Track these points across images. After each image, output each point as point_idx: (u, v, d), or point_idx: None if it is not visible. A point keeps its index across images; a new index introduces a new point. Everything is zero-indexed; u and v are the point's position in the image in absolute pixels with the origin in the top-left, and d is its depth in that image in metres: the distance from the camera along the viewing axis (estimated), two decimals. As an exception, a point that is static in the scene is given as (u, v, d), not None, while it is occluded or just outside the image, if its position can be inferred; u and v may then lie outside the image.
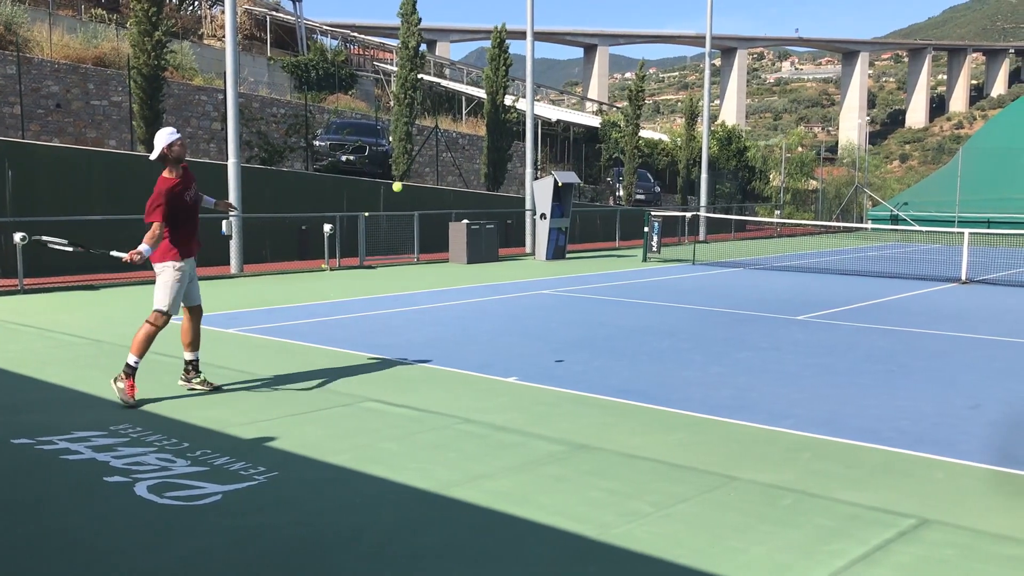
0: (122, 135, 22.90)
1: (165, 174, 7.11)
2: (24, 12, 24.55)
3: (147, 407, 6.93)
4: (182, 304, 7.35)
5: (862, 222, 41.57)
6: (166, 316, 7.12)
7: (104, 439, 6.04)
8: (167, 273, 7.14)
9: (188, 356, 7.52)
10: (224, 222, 17.34)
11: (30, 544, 4.32)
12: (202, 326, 7.71)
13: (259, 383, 7.85)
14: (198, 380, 7.49)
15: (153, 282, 7.26)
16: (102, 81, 23.28)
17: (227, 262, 17.79)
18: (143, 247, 6.89)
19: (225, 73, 18.32)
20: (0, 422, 6.48)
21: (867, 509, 4.92)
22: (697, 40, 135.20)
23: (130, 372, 6.99)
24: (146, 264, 7.05)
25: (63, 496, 4.99)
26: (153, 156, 7.16)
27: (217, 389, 7.49)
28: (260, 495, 5.03)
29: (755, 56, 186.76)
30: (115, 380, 7.04)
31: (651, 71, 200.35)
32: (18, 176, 16.25)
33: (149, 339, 7.11)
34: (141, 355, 7.05)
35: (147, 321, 7.11)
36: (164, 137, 7.09)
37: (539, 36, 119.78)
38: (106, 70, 23.57)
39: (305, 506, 4.87)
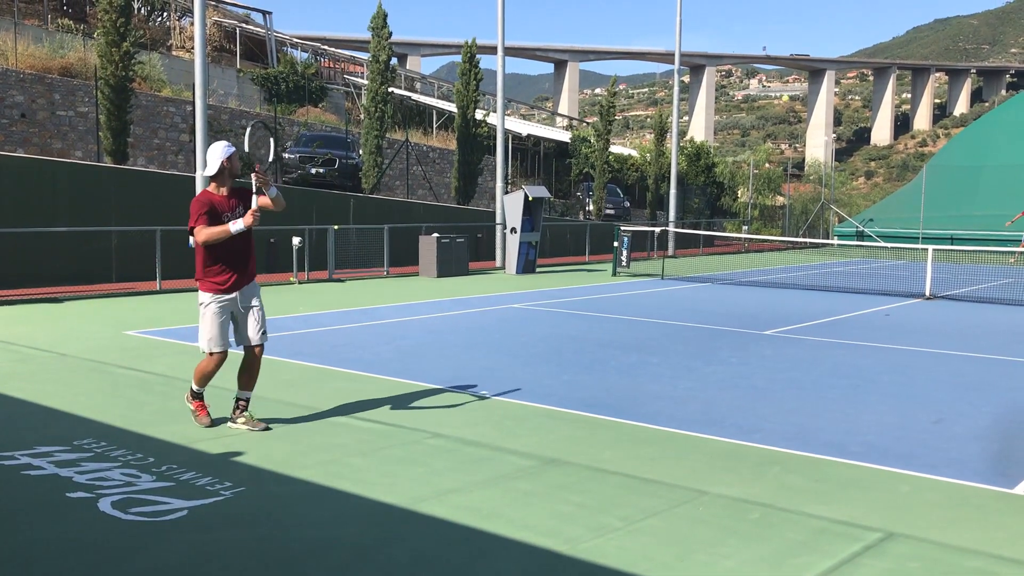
0: (88, 146, 22.65)
1: (210, 189, 6.55)
2: (-11, 21, 24.24)
3: (111, 421, 6.83)
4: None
5: (828, 238, 42.03)
6: (211, 355, 6.58)
7: (67, 454, 5.94)
8: (203, 307, 6.65)
9: (239, 393, 6.84)
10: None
11: (-10, 561, 4.23)
12: (170, 340, 7.51)
13: (226, 398, 7.76)
14: (242, 420, 6.74)
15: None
16: (68, 91, 23.03)
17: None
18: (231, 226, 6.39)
19: (194, 85, 18.19)
20: (-40, 437, 6.35)
21: (834, 523, 4.96)
22: (666, 57, 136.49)
23: (196, 394, 6.74)
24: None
25: (25, 512, 4.89)
26: (210, 171, 6.49)
27: (266, 428, 6.73)
28: (227, 510, 4.97)
29: (723, 73, 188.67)
30: (188, 398, 6.79)
31: (621, 87, 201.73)
32: (-19, 187, 16.02)
33: (202, 374, 6.65)
34: (201, 385, 6.71)
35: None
36: (221, 150, 6.47)
37: (510, 51, 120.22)
38: (72, 80, 23.31)
39: (272, 521, 4.82)
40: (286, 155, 25.37)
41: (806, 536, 4.75)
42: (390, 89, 26.39)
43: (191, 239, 6.50)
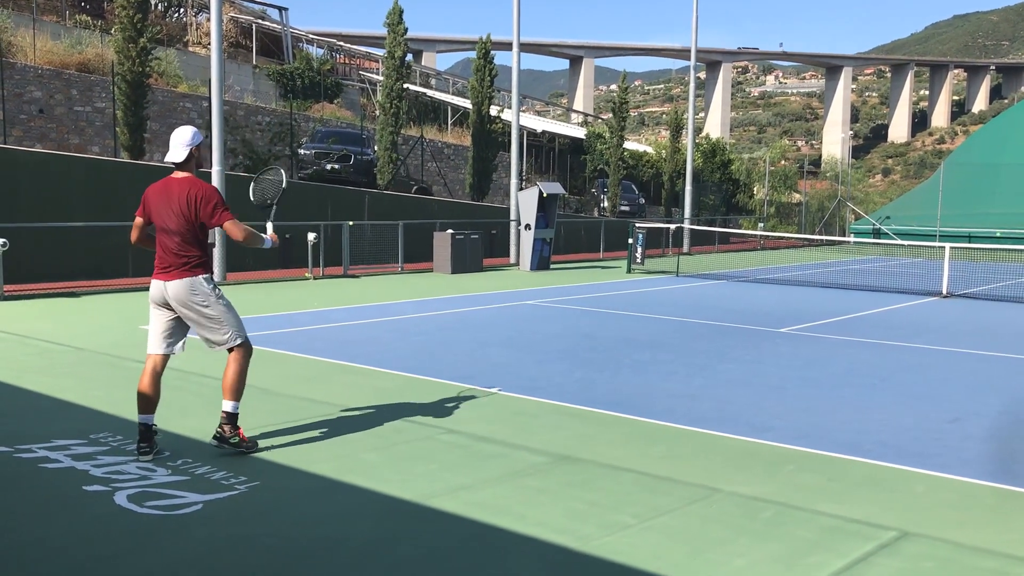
0: (105, 141, 22.78)
1: (194, 176, 5.91)
2: (7, 17, 24.42)
3: (127, 415, 6.87)
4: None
5: (844, 235, 41.82)
6: (244, 345, 6.08)
7: (84, 447, 5.99)
8: (215, 294, 6.05)
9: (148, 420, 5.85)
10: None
11: (8, 554, 4.27)
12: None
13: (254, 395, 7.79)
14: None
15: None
16: (86, 87, 23.17)
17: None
18: (267, 238, 6.17)
19: (210, 80, 18.26)
20: (-22, 430, 6.42)
21: (848, 522, 4.94)
22: (682, 53, 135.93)
23: (233, 416, 5.95)
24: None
25: (42, 505, 4.94)
26: (178, 158, 5.85)
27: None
28: (241, 504, 5.00)
29: (740, 69, 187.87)
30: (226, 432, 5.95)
31: (636, 83, 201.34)
32: (0, 182, 16.13)
33: (243, 375, 6.04)
34: (240, 396, 6.00)
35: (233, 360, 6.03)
36: (190, 136, 5.88)
37: (525, 47, 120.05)
38: (90, 76, 23.46)
39: (285, 516, 4.84)
40: (301, 151, 25.44)
41: (819, 535, 4.74)
42: (405, 85, 26.43)
43: (214, 233, 6.16)
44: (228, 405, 5.92)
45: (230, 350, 6.05)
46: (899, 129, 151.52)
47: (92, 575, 4.07)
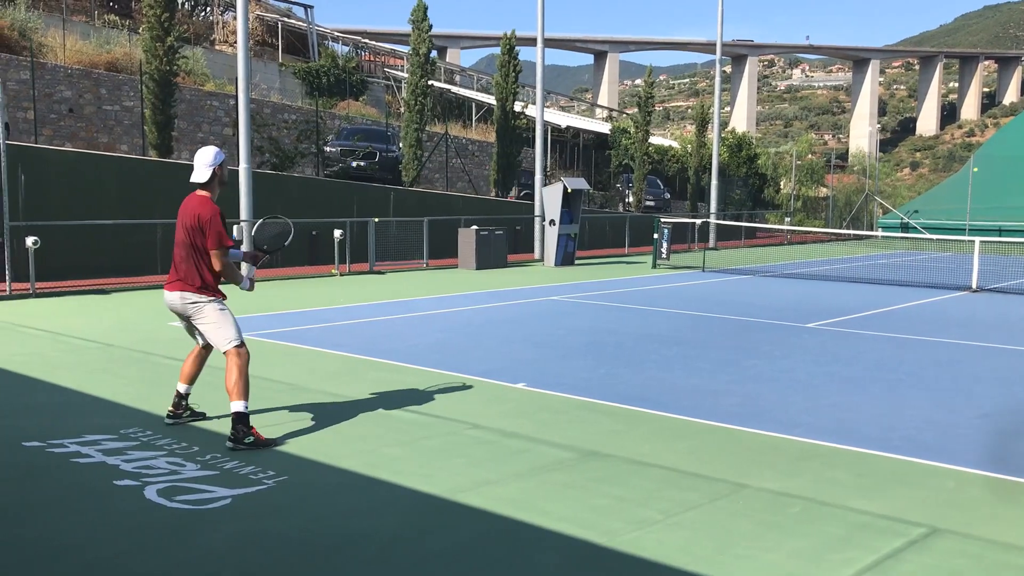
0: (133, 140, 23.01)
1: (207, 195, 6.16)
2: (38, 18, 24.72)
3: (157, 411, 6.95)
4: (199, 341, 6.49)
5: (872, 230, 41.44)
6: (239, 349, 6.20)
7: (115, 443, 6.06)
8: (218, 306, 6.26)
9: (183, 388, 6.60)
10: (235, 227, 17.39)
11: (41, 546, 4.34)
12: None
13: (268, 388, 7.86)
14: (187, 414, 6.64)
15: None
16: (114, 86, 23.41)
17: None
18: (247, 275, 6.43)
19: (237, 79, 18.39)
20: (11, 425, 6.51)
21: (877, 517, 4.90)
22: (707, 47, 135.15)
23: (245, 416, 6.08)
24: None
25: (73, 499, 5.00)
26: (202, 178, 6.10)
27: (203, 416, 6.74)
28: (269, 499, 5.04)
29: (766, 63, 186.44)
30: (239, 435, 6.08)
31: (661, 78, 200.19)
32: (30, 181, 16.34)
33: (244, 374, 6.17)
34: (247, 395, 6.14)
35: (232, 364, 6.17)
36: (212, 156, 6.12)
37: (549, 43, 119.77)
38: (118, 75, 23.70)
39: (312, 510, 4.88)
40: (327, 148, 25.56)
41: (847, 531, 4.70)
42: (430, 82, 26.47)
43: (212, 256, 6.13)
44: (236, 406, 6.04)
45: (225, 353, 6.20)
46: (928, 122, 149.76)
47: (122, 568, 4.12)
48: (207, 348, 6.54)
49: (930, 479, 5.62)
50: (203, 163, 6.10)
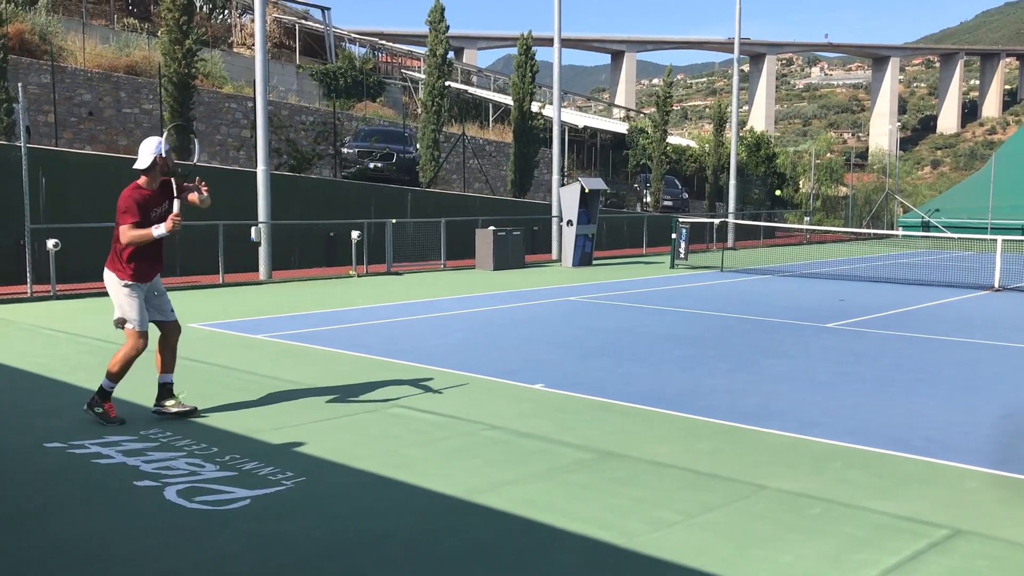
0: (153, 143, 23.14)
1: (140, 182, 6.55)
2: (58, 22, 24.94)
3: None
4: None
5: (893, 229, 41.15)
6: (139, 335, 6.56)
7: (135, 444, 6.10)
8: (123, 287, 6.61)
9: (162, 379, 6.85)
10: (253, 229, 17.48)
11: (61, 546, 4.37)
12: (232, 332, 7.55)
13: (287, 389, 7.89)
14: (171, 403, 6.83)
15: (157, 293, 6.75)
16: (133, 89, 23.58)
17: (256, 268, 17.93)
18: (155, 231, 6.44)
19: (254, 81, 18.48)
20: (33, 426, 6.56)
21: (898, 519, 4.86)
22: (725, 46, 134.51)
23: (107, 394, 6.59)
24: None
25: (94, 500, 5.04)
26: (142, 165, 6.49)
27: (193, 411, 6.86)
28: (287, 500, 5.05)
29: (784, 62, 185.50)
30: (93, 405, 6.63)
31: (679, 77, 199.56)
32: (51, 184, 16.49)
33: (127, 359, 6.58)
34: (118, 378, 6.61)
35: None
36: (155, 145, 6.50)
37: (566, 43, 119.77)
38: (137, 78, 23.87)
39: (331, 511, 4.89)
40: (345, 150, 25.65)
41: (868, 532, 4.67)
42: (447, 83, 26.52)
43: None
44: (105, 383, 6.54)
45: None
46: (948, 120, 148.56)
47: (142, 568, 4.14)
48: (164, 326, 6.80)
49: (951, 480, 5.57)
50: (147, 151, 6.50)
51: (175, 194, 6.54)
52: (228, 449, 5.98)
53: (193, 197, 6.68)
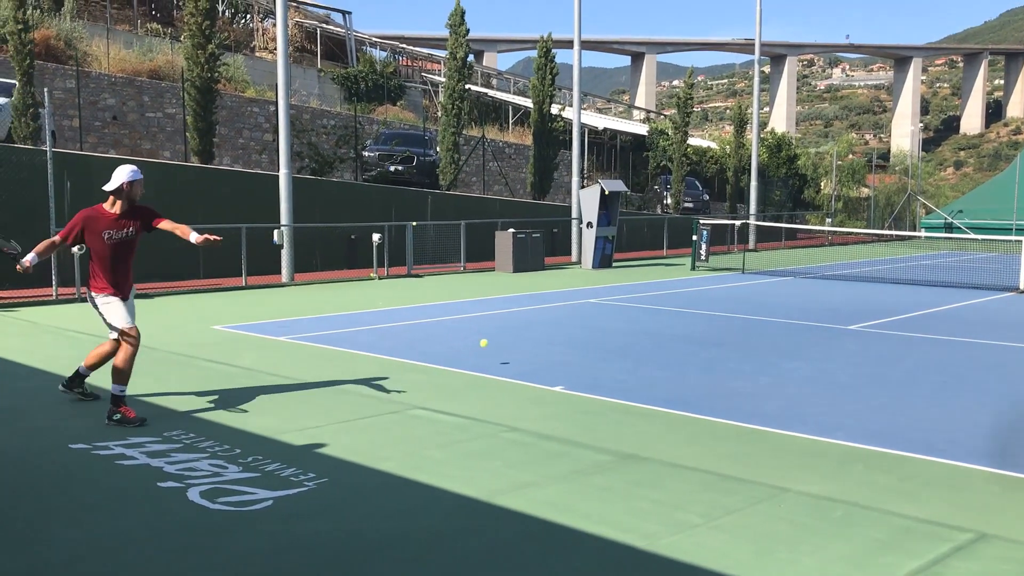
0: (176, 146, 23.35)
1: (104, 205, 6.99)
2: (83, 28, 25.18)
3: (200, 414, 7.05)
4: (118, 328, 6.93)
5: (915, 230, 40.83)
6: (130, 333, 6.84)
7: (158, 445, 6.15)
8: (102, 299, 6.91)
9: (85, 370, 7.34)
10: (276, 232, 17.59)
11: (85, 547, 4.41)
12: (255, 334, 7.69)
13: (308, 390, 7.94)
14: (80, 390, 7.46)
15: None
16: (157, 94, 23.78)
17: (278, 271, 18.04)
18: (30, 255, 6.84)
19: (277, 85, 18.59)
20: (58, 427, 6.64)
21: (921, 522, 4.83)
22: (746, 47, 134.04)
23: (121, 398, 6.79)
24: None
25: (118, 501, 5.09)
26: (110, 187, 6.91)
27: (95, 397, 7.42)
28: (310, 501, 5.08)
29: (805, 63, 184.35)
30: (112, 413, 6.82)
31: (699, 78, 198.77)
32: (76, 187, 16.64)
33: (129, 358, 6.83)
34: (127, 380, 6.83)
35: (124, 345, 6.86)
36: (127, 174, 6.97)
37: (586, 45, 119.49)
38: (160, 83, 24.07)
39: (353, 512, 4.91)
40: (366, 153, 25.74)
41: (891, 535, 4.64)
42: (467, 86, 26.56)
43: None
44: (115, 389, 6.78)
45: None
46: (972, 120, 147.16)
47: (165, 569, 4.18)
48: (117, 341, 7.05)
49: (976, 483, 5.52)
50: (117, 178, 6.96)
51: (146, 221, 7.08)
52: (251, 450, 6.03)
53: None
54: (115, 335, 6.97)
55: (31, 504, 5.03)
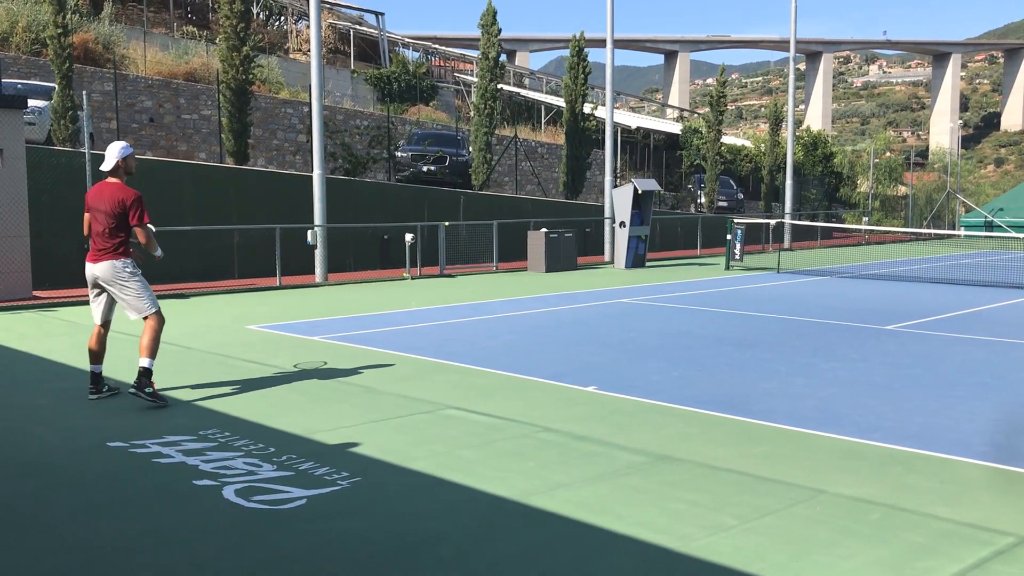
0: (211, 148, 23.60)
1: (123, 183, 7.48)
2: (121, 31, 25.54)
3: (234, 412, 7.11)
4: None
5: (954, 229, 40.25)
6: (157, 314, 7.48)
7: (194, 443, 6.21)
8: (132, 272, 7.49)
9: (96, 369, 7.68)
10: (309, 232, 17.71)
11: (122, 544, 4.46)
12: (289, 334, 7.84)
13: (342, 389, 7.98)
14: (107, 389, 7.72)
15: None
16: (193, 96, 24.05)
17: (312, 271, 18.17)
18: (159, 250, 7.59)
19: (310, 86, 18.73)
20: (97, 426, 6.73)
21: (961, 525, 4.75)
22: (781, 44, 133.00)
23: (149, 372, 7.31)
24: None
25: (154, 498, 5.14)
26: (107, 167, 7.38)
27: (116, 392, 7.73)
28: (344, 500, 5.10)
29: (841, 60, 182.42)
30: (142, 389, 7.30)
31: (733, 76, 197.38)
32: (114, 189, 16.87)
33: (158, 336, 7.46)
34: (153, 356, 7.38)
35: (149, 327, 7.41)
36: (119, 150, 7.40)
37: (619, 43, 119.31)
38: (196, 85, 24.34)
39: (386, 511, 4.92)
40: (399, 154, 25.85)
41: (930, 539, 4.56)
42: (499, 86, 26.59)
43: (136, 230, 7.40)
44: (144, 362, 7.26)
45: (145, 318, 7.44)
46: (1013, 117, 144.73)
47: (201, 566, 4.21)
48: (106, 326, 7.68)
49: (1017, 486, 5.42)
50: (111, 155, 7.37)
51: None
52: (285, 449, 6.06)
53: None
54: (136, 315, 7.41)
55: (70, 501, 5.10)
